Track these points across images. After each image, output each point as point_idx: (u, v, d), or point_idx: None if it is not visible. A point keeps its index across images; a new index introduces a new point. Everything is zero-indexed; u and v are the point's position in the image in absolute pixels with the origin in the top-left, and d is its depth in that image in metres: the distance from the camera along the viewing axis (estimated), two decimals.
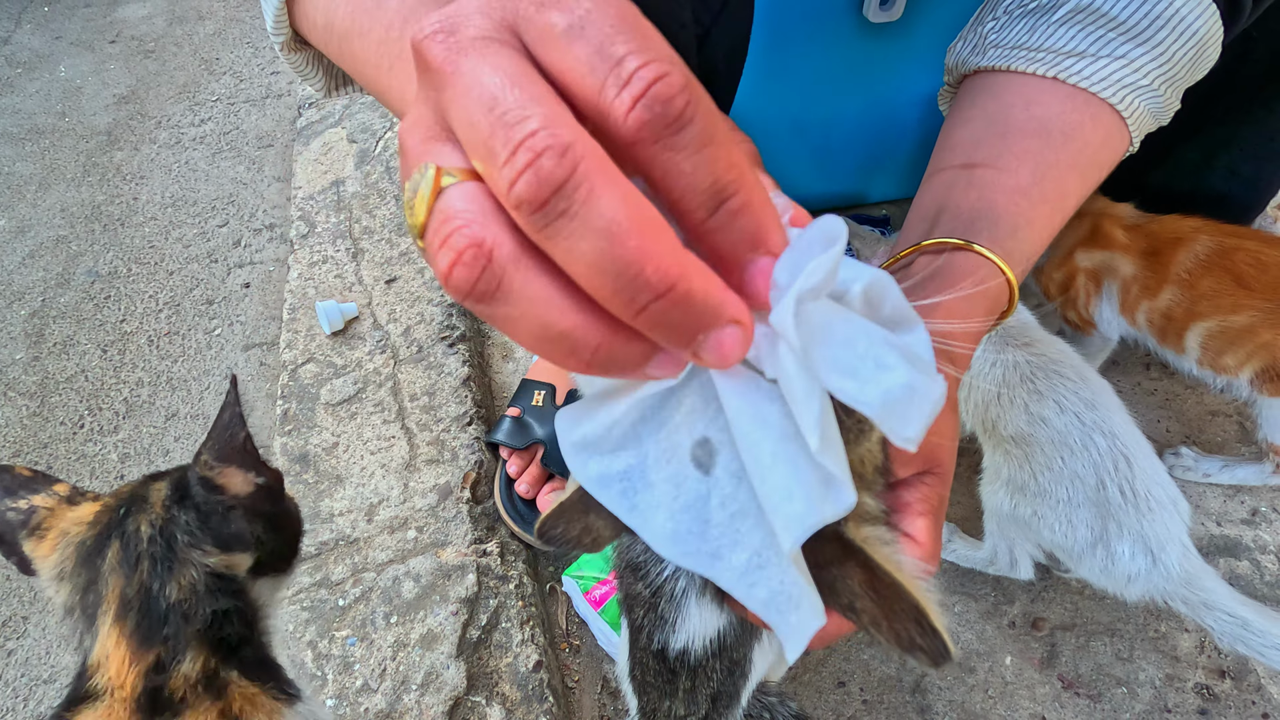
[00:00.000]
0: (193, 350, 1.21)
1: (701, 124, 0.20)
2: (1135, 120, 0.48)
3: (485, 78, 0.20)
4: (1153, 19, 0.46)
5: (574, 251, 0.19)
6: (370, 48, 0.40)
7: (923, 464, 0.36)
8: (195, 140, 1.64)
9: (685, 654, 0.48)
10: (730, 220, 0.21)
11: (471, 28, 0.21)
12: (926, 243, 0.44)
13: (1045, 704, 0.71)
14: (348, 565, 0.75)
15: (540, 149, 0.19)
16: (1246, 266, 0.73)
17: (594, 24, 0.20)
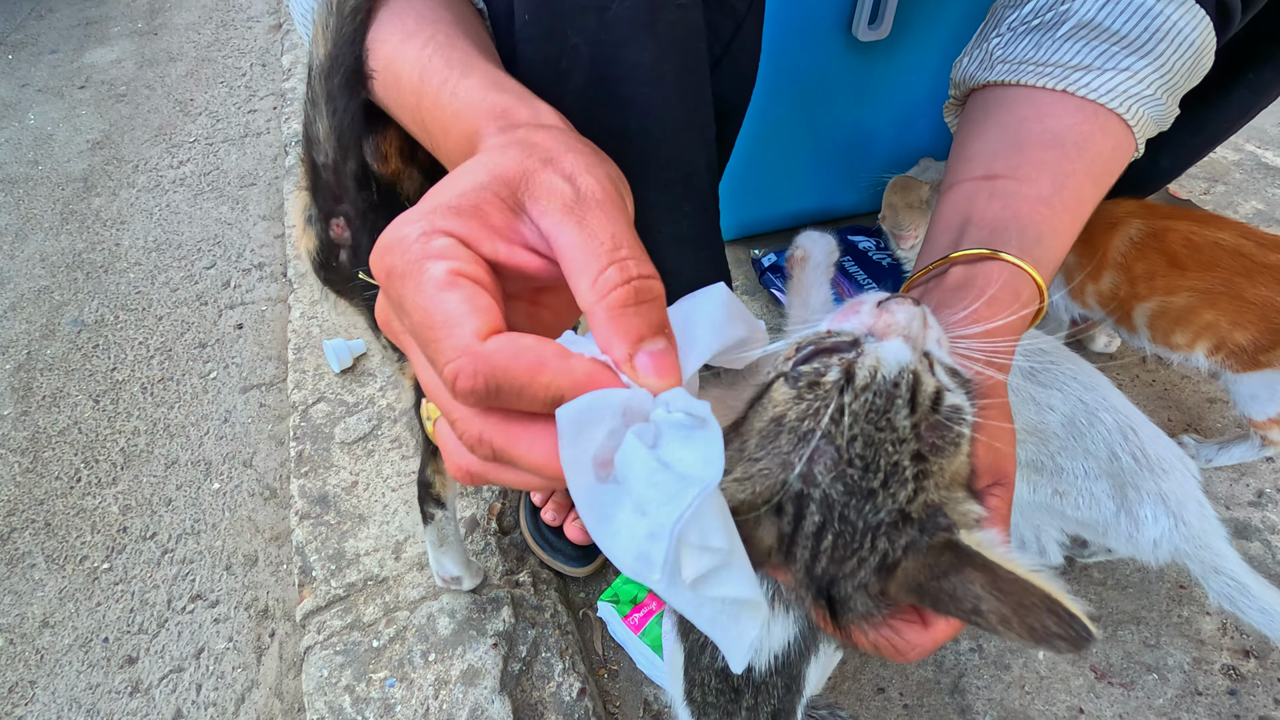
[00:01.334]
0: (188, 395, 1.19)
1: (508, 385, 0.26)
2: (1140, 128, 0.50)
3: (420, 370, 0.29)
4: (1152, 32, 0.49)
5: (516, 478, 0.29)
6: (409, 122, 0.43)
7: (993, 477, 0.37)
8: (175, 182, 1.62)
9: (750, 671, 0.48)
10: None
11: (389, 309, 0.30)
12: (957, 254, 0.46)
13: (1081, 695, 0.72)
14: (379, 605, 0.73)
15: (472, 443, 0.27)
16: (1179, 248, 0.76)
17: (417, 327, 0.27)
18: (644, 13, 0.48)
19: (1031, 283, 0.44)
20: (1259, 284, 0.73)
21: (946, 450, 0.31)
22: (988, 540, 0.30)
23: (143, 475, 1.09)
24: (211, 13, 2.24)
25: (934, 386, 0.32)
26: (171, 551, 0.99)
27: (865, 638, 0.33)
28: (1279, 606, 0.60)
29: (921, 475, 0.30)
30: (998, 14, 0.55)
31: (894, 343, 0.32)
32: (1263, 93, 0.76)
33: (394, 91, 0.42)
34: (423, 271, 0.27)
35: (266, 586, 0.93)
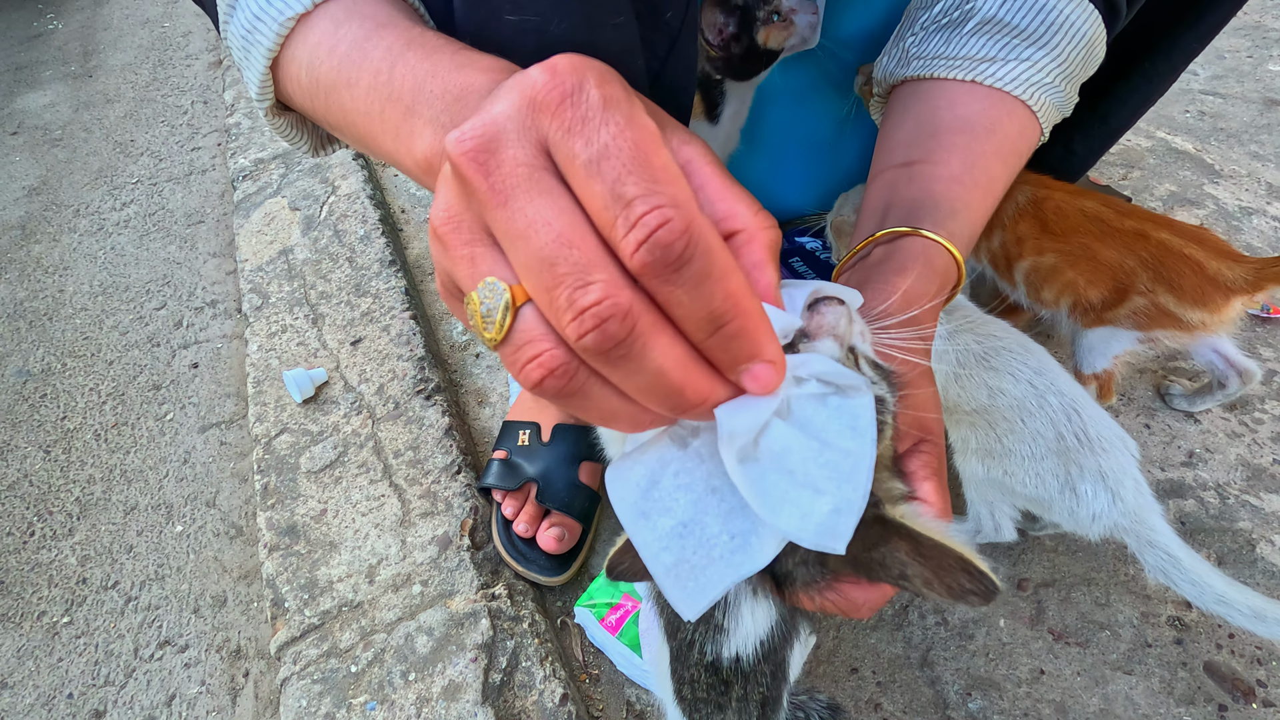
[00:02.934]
0: (145, 439, 1.17)
1: (700, 263, 0.23)
2: (1043, 113, 0.55)
3: (541, 228, 0.24)
4: (1049, 25, 0.53)
5: (627, 381, 0.25)
6: (359, 96, 0.40)
7: (918, 435, 0.40)
8: (119, 225, 1.59)
9: (738, 661, 0.50)
10: (726, 342, 0.25)
11: (511, 150, 0.24)
12: (879, 234, 0.49)
13: (1041, 657, 0.75)
14: (355, 630, 0.73)
15: (605, 315, 0.23)
16: (1051, 214, 0.84)
17: (610, 160, 0.23)
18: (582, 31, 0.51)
19: (946, 254, 0.47)
20: (1111, 247, 0.80)
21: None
22: (910, 512, 0.33)
23: (100, 524, 1.06)
24: (148, 52, 2.21)
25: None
26: (135, 599, 0.97)
27: (812, 603, 0.36)
28: (1208, 579, 0.65)
29: None
30: (912, 15, 0.60)
31: (825, 343, 0.34)
32: (1158, 81, 0.83)
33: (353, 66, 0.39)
34: (635, 110, 0.24)
35: (237, 626, 0.92)
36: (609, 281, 0.23)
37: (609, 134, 0.23)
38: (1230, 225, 1.20)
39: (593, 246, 0.23)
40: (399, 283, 1.10)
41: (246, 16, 0.45)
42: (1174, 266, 0.77)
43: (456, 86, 0.33)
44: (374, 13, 0.42)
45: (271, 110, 0.49)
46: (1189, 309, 0.78)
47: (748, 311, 0.25)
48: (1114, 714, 0.71)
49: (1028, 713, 0.72)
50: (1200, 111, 1.48)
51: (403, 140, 0.35)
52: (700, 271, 0.23)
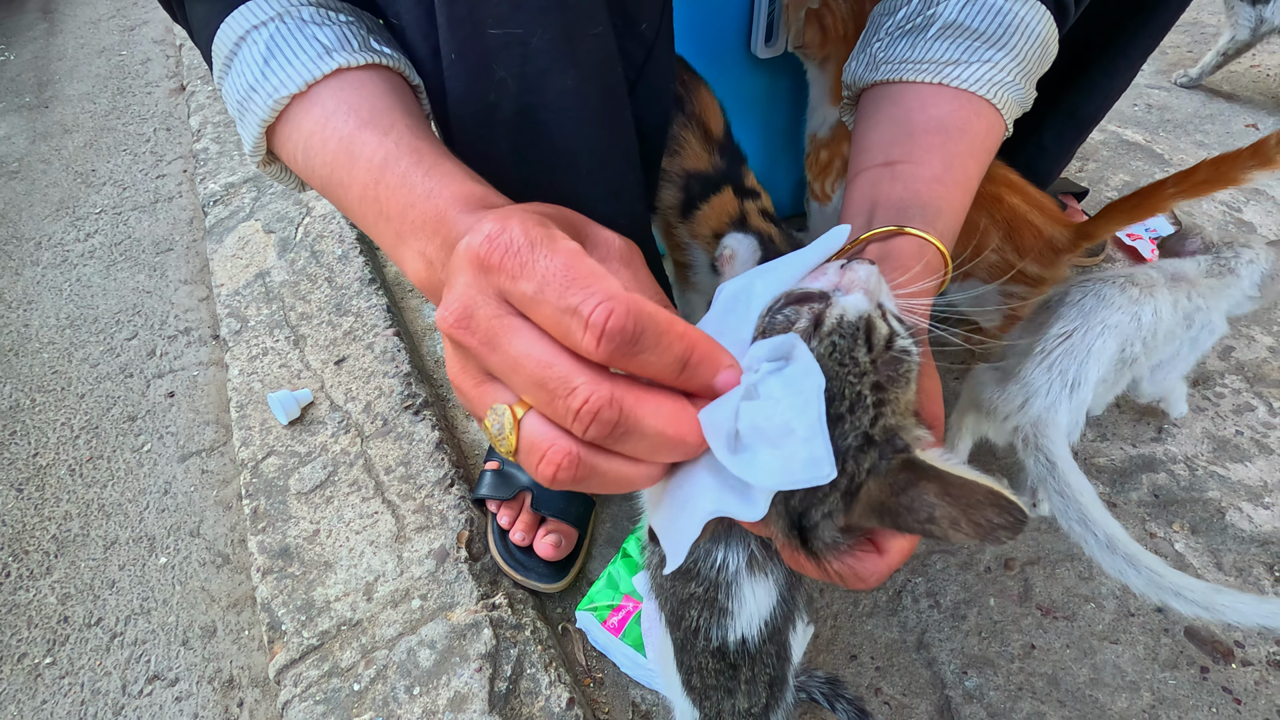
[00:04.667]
0: (122, 472, 1.14)
1: (650, 329, 0.29)
2: (1007, 110, 0.57)
3: (524, 360, 0.30)
4: (1006, 27, 0.56)
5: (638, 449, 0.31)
6: (354, 202, 0.44)
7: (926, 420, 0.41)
8: (84, 255, 1.55)
9: (744, 643, 0.51)
10: (694, 372, 0.31)
11: (482, 311, 0.31)
12: (873, 232, 0.51)
13: (1031, 633, 0.78)
14: (356, 648, 0.73)
15: (596, 409, 0.29)
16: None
17: (550, 285, 0.29)
18: (562, 42, 0.52)
19: (936, 251, 0.49)
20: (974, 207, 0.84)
21: (900, 382, 0.35)
22: (936, 456, 0.34)
23: (80, 561, 1.04)
24: (106, 81, 2.17)
25: (887, 330, 0.36)
26: (120, 635, 0.94)
27: (830, 568, 0.37)
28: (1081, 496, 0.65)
29: (880, 403, 0.34)
30: (875, 22, 0.62)
31: (856, 295, 0.36)
32: (1118, 77, 0.88)
33: (344, 171, 0.44)
34: (555, 239, 0.30)
35: (229, 656, 0.90)
36: (589, 381, 0.29)
37: (542, 268, 0.29)
38: (1182, 212, 1.26)
39: (566, 360, 0.29)
40: (380, 300, 1.10)
41: (242, 84, 0.48)
42: (1020, 230, 0.83)
43: (432, 218, 0.39)
44: (358, 105, 0.45)
45: (263, 161, 0.52)
46: (1033, 265, 0.84)
47: (697, 342, 0.31)
48: (1103, 683, 0.74)
49: (1022, 686, 0.74)
50: (1148, 105, 1.55)
51: (398, 261, 0.42)
52: (653, 335, 0.29)
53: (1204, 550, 0.82)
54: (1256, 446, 0.91)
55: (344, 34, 0.48)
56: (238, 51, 0.48)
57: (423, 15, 0.52)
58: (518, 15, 0.49)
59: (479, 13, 0.49)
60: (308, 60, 0.46)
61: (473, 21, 0.49)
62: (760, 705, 0.55)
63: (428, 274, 0.40)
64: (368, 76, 0.47)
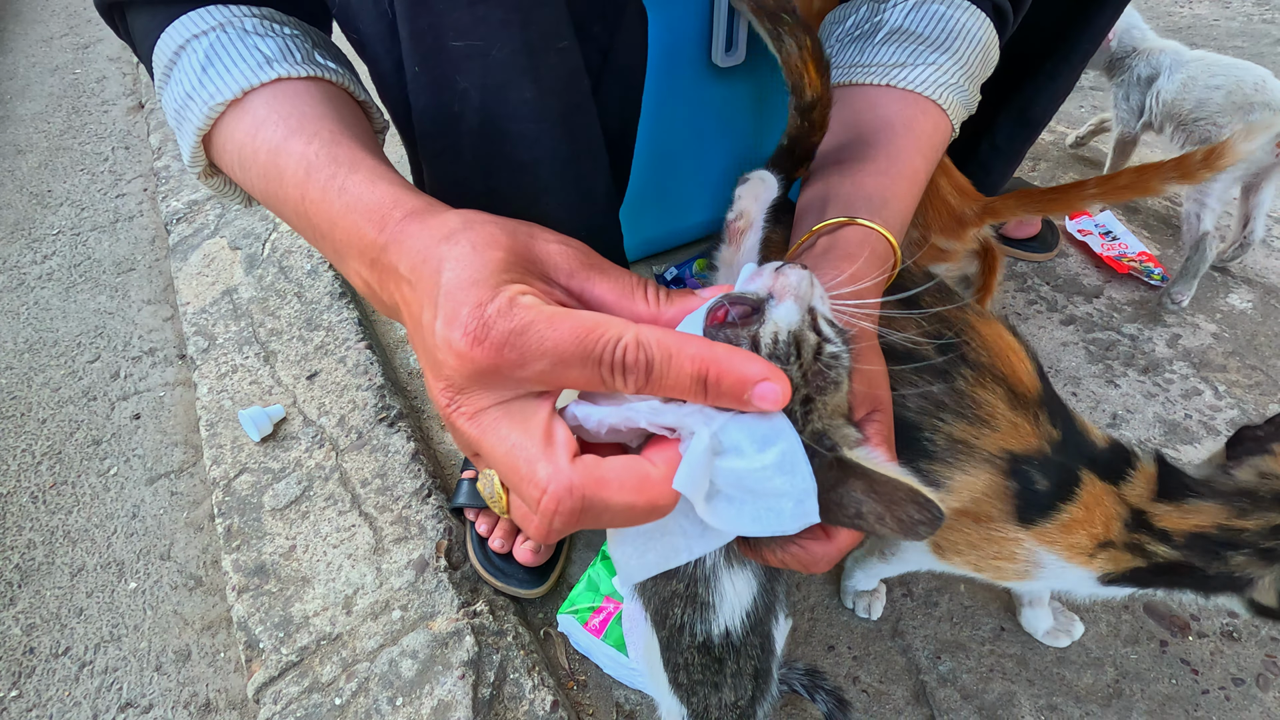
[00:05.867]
0: (87, 497, 1.12)
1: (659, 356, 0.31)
2: (952, 110, 0.60)
3: (498, 444, 0.32)
4: (949, 33, 0.59)
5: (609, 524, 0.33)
6: (289, 216, 0.44)
7: (869, 405, 0.43)
8: (41, 278, 1.52)
9: (728, 636, 0.52)
10: (719, 389, 0.32)
11: (476, 399, 0.33)
12: (822, 225, 0.54)
13: (1000, 616, 0.80)
14: (336, 662, 0.72)
15: (557, 500, 0.30)
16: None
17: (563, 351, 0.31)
18: (523, 55, 0.53)
19: (884, 240, 0.51)
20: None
21: (828, 389, 0.37)
22: (864, 455, 0.36)
23: (45, 589, 1.01)
24: (60, 100, 2.13)
25: (815, 340, 0.37)
26: (90, 664, 0.92)
27: (775, 556, 0.39)
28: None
29: (808, 412, 0.36)
30: (826, 30, 0.65)
31: (787, 304, 0.37)
32: (1062, 80, 0.92)
33: (276, 184, 0.43)
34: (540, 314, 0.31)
35: (205, 679, 0.89)
36: (551, 470, 0.31)
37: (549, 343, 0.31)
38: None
39: (537, 448, 0.31)
40: (351, 314, 1.09)
41: (179, 93, 0.47)
42: (936, 207, 0.88)
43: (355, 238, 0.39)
44: (289, 113, 0.45)
45: (204, 174, 0.51)
46: (943, 239, 0.89)
47: (718, 359, 0.31)
48: (1069, 660, 0.76)
49: (993, 668, 0.76)
50: (1093, 106, 1.62)
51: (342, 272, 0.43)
52: (664, 359, 0.31)
53: None
54: (1204, 429, 0.96)
55: (287, 46, 0.48)
56: (177, 60, 0.47)
57: (385, 29, 0.52)
58: (479, 28, 0.50)
59: (441, 25, 0.49)
60: (246, 69, 0.45)
61: (435, 34, 0.50)
62: (747, 698, 0.56)
63: (368, 293, 0.40)
64: (305, 86, 0.47)
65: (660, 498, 0.32)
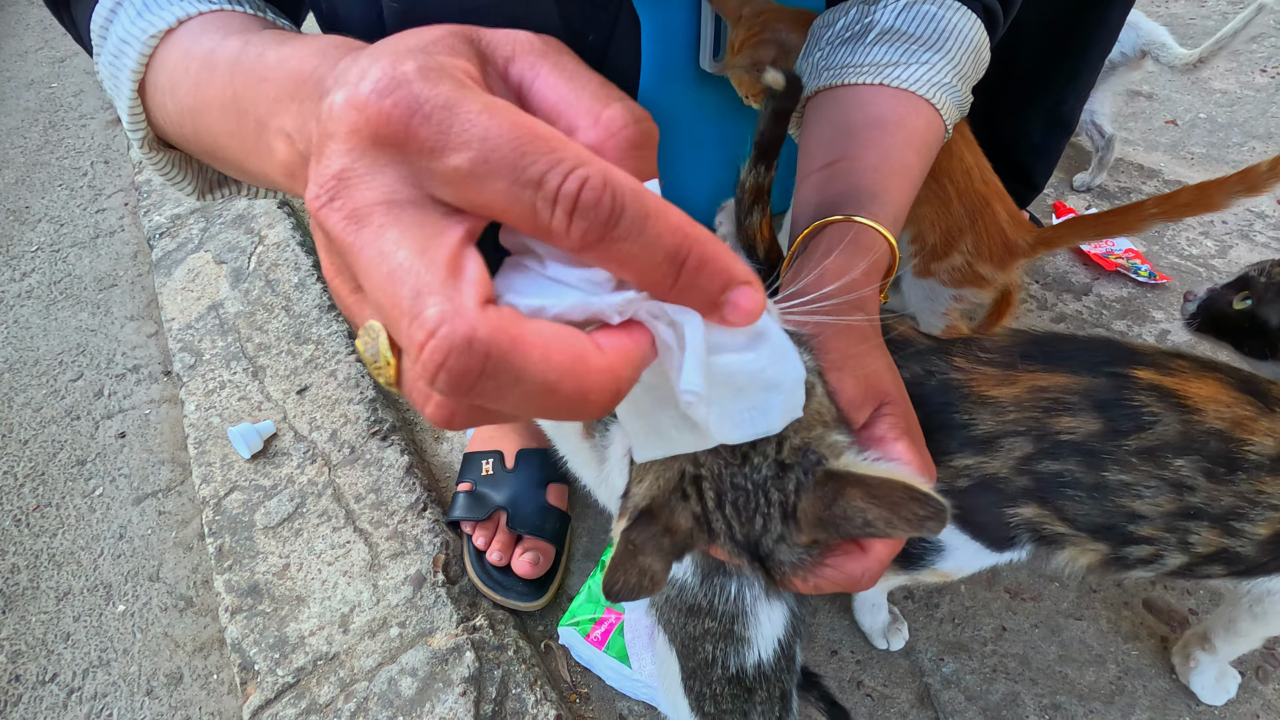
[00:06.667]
0: (72, 519, 1.09)
1: (633, 207, 0.21)
2: (945, 110, 0.60)
3: (381, 263, 0.21)
4: (940, 33, 0.59)
5: (517, 405, 0.22)
6: (217, 118, 0.36)
7: (875, 401, 0.42)
8: (20, 296, 1.49)
9: (760, 666, 0.51)
10: (694, 278, 0.23)
11: (361, 191, 0.22)
12: (810, 227, 0.53)
13: (1001, 615, 0.80)
14: (334, 683, 0.71)
15: (449, 347, 0.20)
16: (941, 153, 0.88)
17: (494, 154, 0.21)
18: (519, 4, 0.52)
19: (873, 232, 0.51)
20: (962, 202, 0.87)
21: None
22: (855, 459, 0.35)
23: (30, 615, 0.99)
24: (36, 115, 2.10)
25: None
26: (79, 690, 0.90)
27: (805, 584, 0.37)
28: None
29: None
30: (816, 35, 0.65)
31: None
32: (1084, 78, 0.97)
33: (206, 84, 0.36)
34: (480, 95, 0.22)
35: (198, 702, 0.87)
36: (446, 309, 0.20)
37: (475, 130, 0.21)
38: (1113, 204, 1.33)
39: (436, 269, 0.21)
40: (341, 327, 1.08)
41: (115, 41, 0.42)
42: (990, 234, 0.87)
43: (289, 84, 0.30)
44: (225, 24, 0.38)
45: (147, 143, 0.45)
46: (988, 267, 0.88)
47: (700, 237, 0.23)
48: (1071, 658, 0.76)
49: (996, 668, 0.76)
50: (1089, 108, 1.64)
51: (264, 156, 0.32)
52: (637, 215, 0.22)
53: None
54: None
55: None
56: (113, 18, 0.42)
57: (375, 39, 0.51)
58: None
59: None
60: (187, 4, 0.40)
61: None
62: (776, 718, 0.55)
63: (288, 155, 0.29)
64: (248, 17, 0.40)
65: (594, 387, 0.22)
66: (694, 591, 0.49)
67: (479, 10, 0.48)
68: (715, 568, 0.47)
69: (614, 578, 0.37)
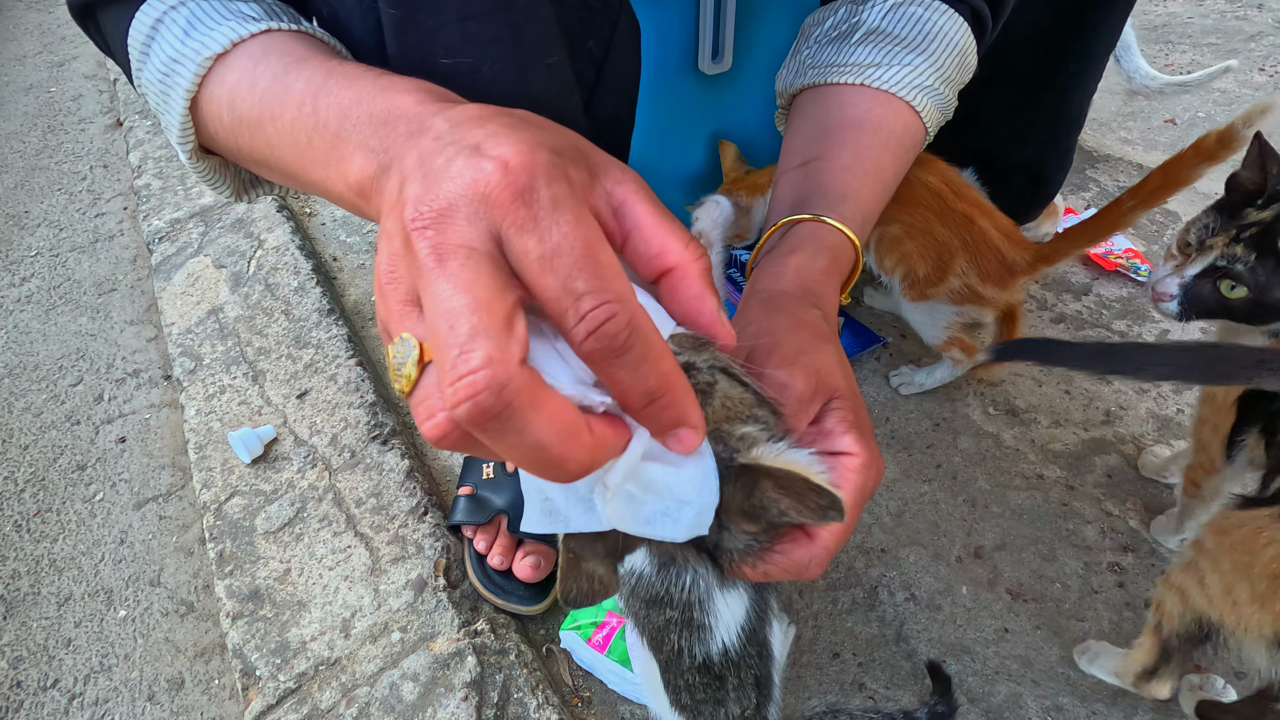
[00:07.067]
0: (73, 524, 1.09)
1: (638, 349, 0.27)
2: (926, 113, 0.60)
3: (453, 296, 0.25)
4: (925, 34, 0.59)
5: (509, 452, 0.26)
6: (284, 129, 0.39)
7: (825, 395, 0.42)
8: (20, 301, 1.49)
9: (727, 653, 0.51)
10: (659, 412, 0.29)
11: (458, 231, 0.26)
12: (776, 225, 0.54)
13: (1003, 616, 0.80)
14: (335, 688, 0.71)
15: (481, 386, 0.24)
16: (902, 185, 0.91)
17: (562, 257, 0.26)
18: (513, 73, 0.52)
19: (838, 233, 0.51)
20: (945, 225, 0.87)
21: (700, 400, 0.35)
22: (766, 452, 0.35)
23: (31, 620, 0.99)
24: (35, 119, 2.10)
25: None
26: (80, 695, 0.90)
27: (755, 571, 0.38)
28: None
29: None
30: (805, 33, 0.65)
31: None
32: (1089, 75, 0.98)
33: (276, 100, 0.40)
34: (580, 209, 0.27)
35: (200, 708, 0.87)
36: (494, 355, 0.24)
37: (560, 233, 0.26)
38: None
39: (496, 320, 0.25)
40: (340, 331, 1.08)
41: (162, 59, 0.45)
42: (985, 254, 0.86)
43: (383, 110, 0.34)
44: (291, 48, 0.42)
45: (194, 154, 0.48)
46: (990, 289, 0.87)
47: (675, 387, 0.29)
48: (1073, 660, 0.76)
49: (998, 670, 0.76)
50: None
51: (333, 167, 0.36)
52: (638, 356, 0.27)
53: None
54: None
55: (272, 9, 0.46)
56: (155, 34, 0.45)
57: (374, 45, 0.52)
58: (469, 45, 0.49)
59: (430, 43, 0.49)
60: (234, 25, 0.43)
61: (423, 51, 0.49)
62: (752, 706, 0.55)
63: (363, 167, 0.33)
64: (297, 35, 0.44)
65: (573, 460, 0.27)
66: (651, 582, 0.49)
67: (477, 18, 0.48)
68: (670, 558, 0.47)
69: (565, 586, 0.39)
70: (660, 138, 1.06)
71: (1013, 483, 0.91)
